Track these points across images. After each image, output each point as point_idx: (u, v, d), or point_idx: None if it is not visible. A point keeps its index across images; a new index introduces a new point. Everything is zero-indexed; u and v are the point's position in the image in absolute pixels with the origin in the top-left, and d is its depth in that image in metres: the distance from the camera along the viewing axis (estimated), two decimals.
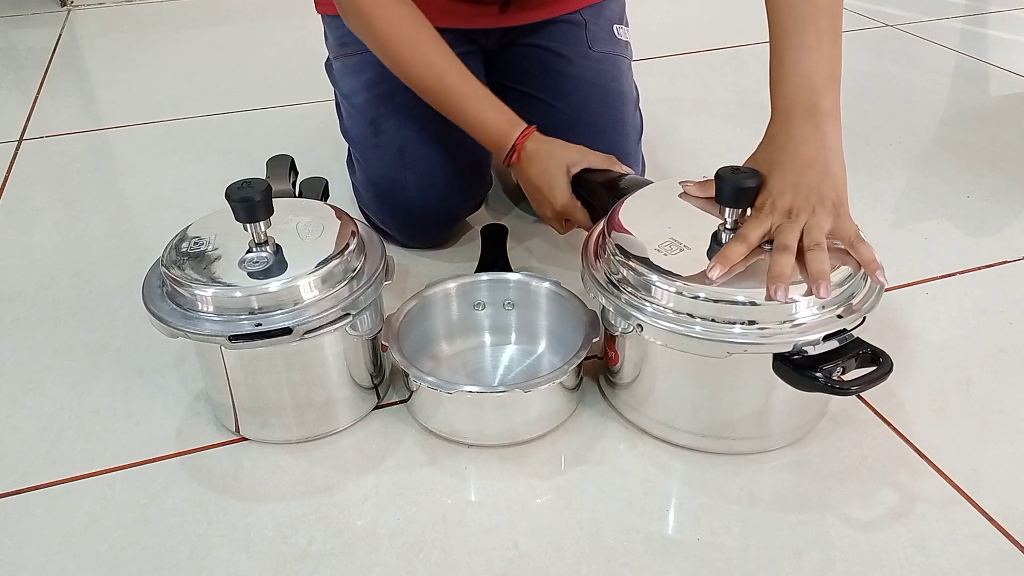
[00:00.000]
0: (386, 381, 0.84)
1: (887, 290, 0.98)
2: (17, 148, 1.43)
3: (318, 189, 0.91)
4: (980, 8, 1.98)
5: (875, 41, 1.79)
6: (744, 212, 0.73)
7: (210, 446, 0.79)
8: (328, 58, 1.13)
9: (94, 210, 1.23)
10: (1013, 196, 1.18)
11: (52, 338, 0.95)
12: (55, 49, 1.91)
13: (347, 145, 1.09)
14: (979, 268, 1.03)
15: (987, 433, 0.79)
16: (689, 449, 0.77)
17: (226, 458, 0.78)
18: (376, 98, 1.03)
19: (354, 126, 1.07)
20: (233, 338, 0.70)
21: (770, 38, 0.78)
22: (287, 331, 0.70)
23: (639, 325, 0.72)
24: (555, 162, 0.90)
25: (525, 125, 0.92)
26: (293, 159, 0.92)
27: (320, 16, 1.13)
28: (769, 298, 0.67)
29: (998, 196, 1.19)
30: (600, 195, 0.89)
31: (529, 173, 0.91)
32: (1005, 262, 1.04)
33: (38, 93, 1.67)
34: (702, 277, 0.69)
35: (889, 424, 0.80)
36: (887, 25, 1.86)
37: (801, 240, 0.69)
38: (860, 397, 0.82)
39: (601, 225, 0.80)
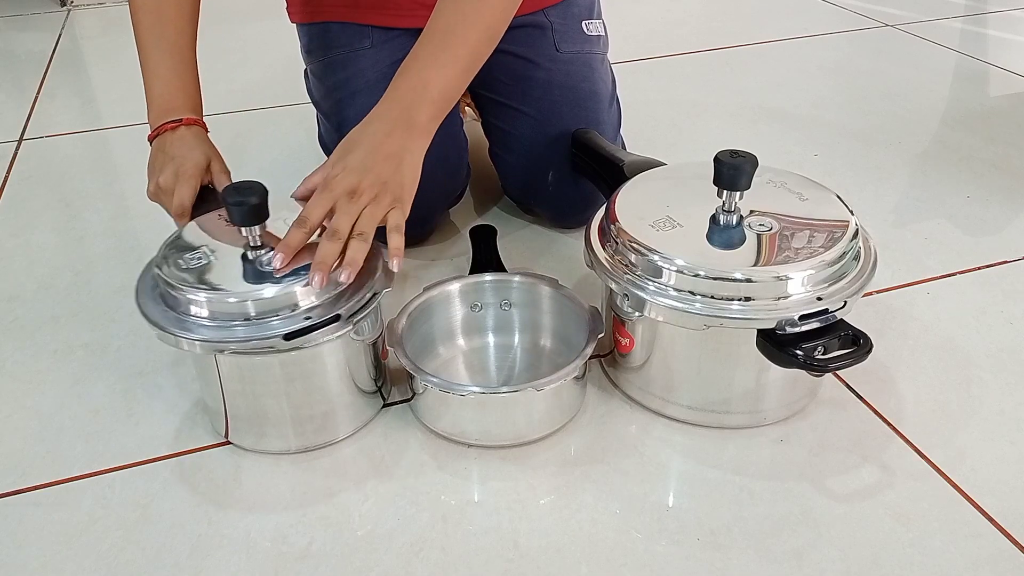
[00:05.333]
0: (387, 384, 0.84)
1: (886, 290, 0.98)
2: (17, 148, 1.43)
3: None
4: (980, 8, 1.98)
5: (875, 41, 1.79)
6: (741, 195, 0.75)
7: (210, 446, 0.79)
8: (305, 68, 1.13)
9: (94, 210, 1.23)
10: (1013, 196, 1.19)
11: (52, 338, 0.95)
12: (55, 49, 1.91)
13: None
14: (979, 268, 1.03)
15: (987, 433, 0.79)
16: (695, 425, 0.79)
17: (226, 458, 0.78)
18: (339, 102, 1.04)
19: (326, 132, 1.08)
20: (288, 336, 0.68)
21: (420, 39, 0.81)
22: (337, 318, 0.70)
23: (625, 295, 0.75)
24: (197, 148, 0.87)
25: (195, 116, 0.90)
26: None
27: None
28: (308, 284, 0.69)
29: (998, 196, 1.19)
30: (604, 175, 0.94)
31: (170, 149, 0.87)
32: (1005, 262, 1.04)
33: (38, 93, 1.66)
34: (695, 257, 0.72)
35: (889, 424, 0.80)
36: (887, 25, 1.86)
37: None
38: (861, 398, 0.83)
39: (603, 209, 0.83)
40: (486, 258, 0.93)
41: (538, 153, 1.05)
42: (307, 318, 0.69)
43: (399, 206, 0.76)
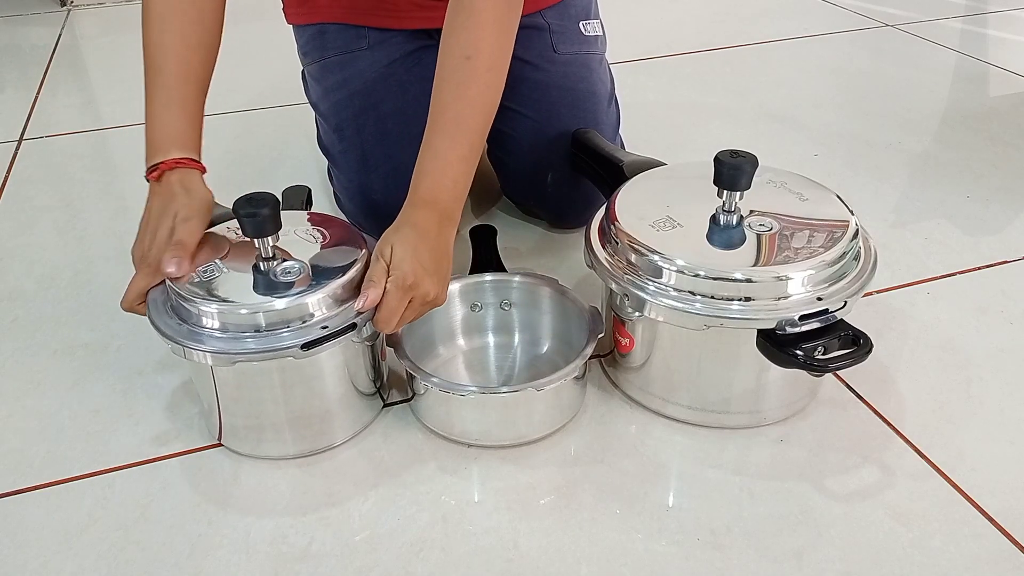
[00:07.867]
0: (387, 385, 0.84)
1: (886, 290, 0.98)
2: (17, 148, 1.43)
3: (301, 197, 0.90)
4: (980, 8, 1.98)
5: (875, 41, 1.79)
6: (741, 195, 0.75)
7: (210, 446, 0.79)
8: (302, 69, 1.13)
9: (94, 210, 1.23)
10: (1013, 196, 1.19)
11: (52, 338, 0.95)
12: (55, 49, 1.91)
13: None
14: (979, 268, 1.03)
15: (987, 433, 0.79)
16: (695, 425, 0.79)
17: (226, 458, 0.78)
18: (336, 104, 1.04)
19: (324, 133, 1.08)
20: (306, 345, 0.69)
21: (430, 129, 0.81)
22: (353, 327, 0.71)
23: (625, 295, 0.75)
24: (170, 207, 0.77)
25: (193, 156, 0.81)
26: (310, 191, 0.91)
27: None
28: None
29: (998, 196, 1.19)
30: (604, 175, 0.95)
31: (151, 202, 0.79)
32: (1005, 262, 1.04)
33: (38, 93, 1.66)
34: (695, 257, 0.73)
35: (889, 424, 0.80)
36: (887, 25, 1.86)
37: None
38: (861, 398, 0.83)
39: (603, 209, 0.83)
40: (486, 258, 0.93)
41: (537, 154, 1.05)
42: (323, 327, 0.70)
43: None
